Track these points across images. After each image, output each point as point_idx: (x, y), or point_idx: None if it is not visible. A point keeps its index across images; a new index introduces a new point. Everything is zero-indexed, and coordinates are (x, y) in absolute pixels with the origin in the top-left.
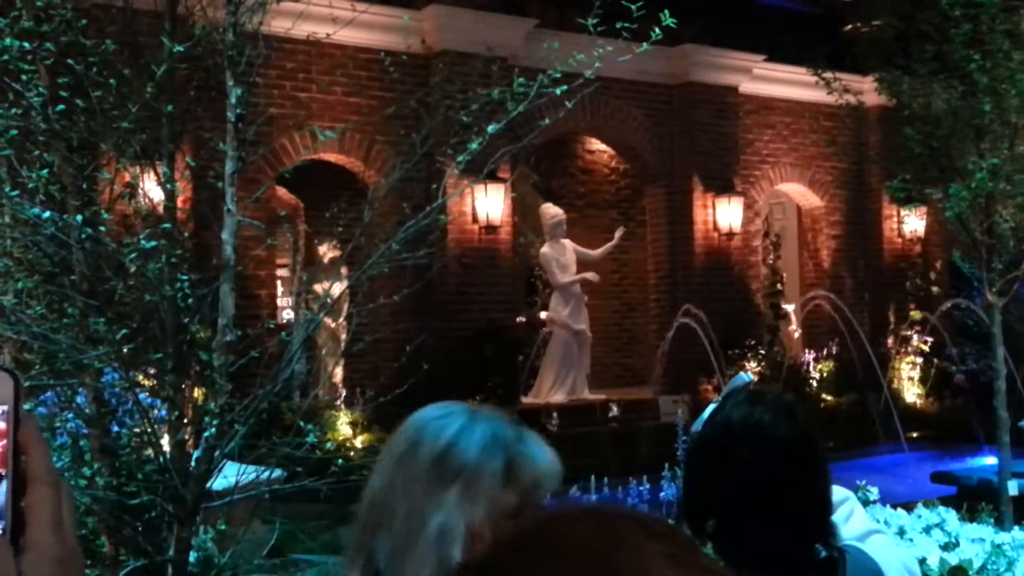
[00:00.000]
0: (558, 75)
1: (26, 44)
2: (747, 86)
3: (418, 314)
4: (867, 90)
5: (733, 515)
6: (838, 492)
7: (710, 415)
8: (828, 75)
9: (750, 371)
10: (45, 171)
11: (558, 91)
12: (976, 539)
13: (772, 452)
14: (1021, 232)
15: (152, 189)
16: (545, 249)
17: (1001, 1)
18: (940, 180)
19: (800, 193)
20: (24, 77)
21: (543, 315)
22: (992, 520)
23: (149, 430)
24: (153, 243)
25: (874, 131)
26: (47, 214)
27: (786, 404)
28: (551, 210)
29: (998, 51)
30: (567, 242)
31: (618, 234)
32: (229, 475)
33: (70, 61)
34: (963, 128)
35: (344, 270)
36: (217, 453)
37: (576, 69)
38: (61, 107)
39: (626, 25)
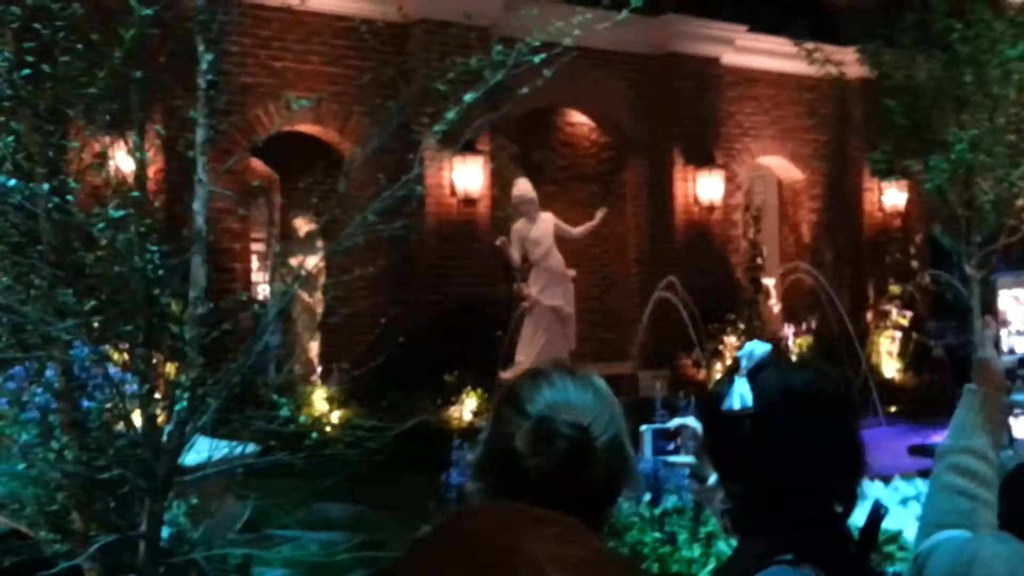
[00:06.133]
0: (537, 43)
1: None
2: (729, 57)
3: (396, 288)
4: (849, 62)
5: (811, 475)
6: None
7: (762, 387)
8: (810, 46)
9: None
10: (11, 138)
11: (536, 59)
12: None
13: (836, 409)
14: (1001, 205)
15: (123, 160)
16: (517, 225)
17: None
18: (921, 152)
19: (781, 166)
20: None
21: (524, 288)
22: None
23: (120, 404)
24: (122, 212)
25: (856, 103)
26: (13, 182)
27: (820, 367)
28: (516, 189)
29: (980, 20)
30: (547, 216)
31: (599, 215)
32: (202, 450)
33: (37, 25)
34: (944, 99)
35: (320, 243)
36: (189, 427)
37: (555, 38)
38: (27, 72)
39: None
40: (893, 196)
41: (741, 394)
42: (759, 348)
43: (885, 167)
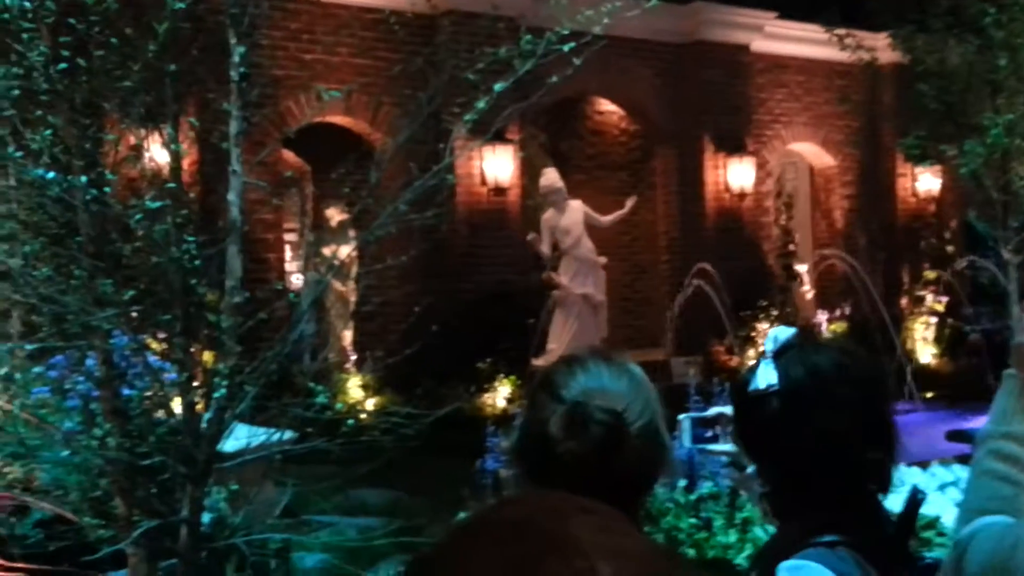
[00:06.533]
0: (565, 32)
1: (27, 3)
2: (759, 44)
3: (427, 277)
4: (881, 47)
5: (839, 452)
6: None
7: (786, 366)
8: (841, 31)
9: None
10: (49, 132)
11: (565, 48)
12: None
13: (861, 386)
14: None
15: (157, 152)
16: (546, 215)
17: None
18: (955, 137)
19: (813, 152)
20: (25, 36)
21: (554, 276)
22: None
23: (160, 392)
24: (158, 203)
25: (888, 88)
26: (51, 175)
27: (845, 346)
28: (543, 180)
29: (1014, 4)
30: (576, 204)
31: (629, 203)
32: (241, 437)
33: (71, 20)
34: (978, 84)
35: (352, 233)
36: (227, 414)
37: (584, 27)
38: (63, 66)
39: None
40: (927, 181)
41: (766, 375)
42: (783, 332)
43: (919, 152)
